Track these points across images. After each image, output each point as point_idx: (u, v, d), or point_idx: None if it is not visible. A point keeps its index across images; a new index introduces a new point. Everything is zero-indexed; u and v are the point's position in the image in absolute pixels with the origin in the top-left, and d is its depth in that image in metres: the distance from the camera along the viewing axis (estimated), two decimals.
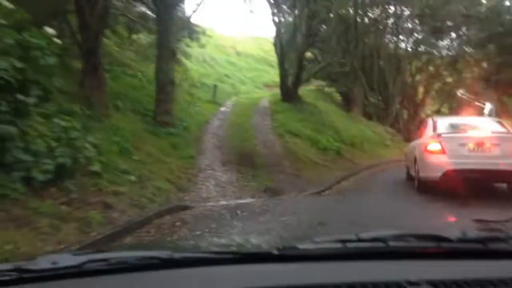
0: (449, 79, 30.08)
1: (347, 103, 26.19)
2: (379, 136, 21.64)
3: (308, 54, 22.12)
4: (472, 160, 7.91)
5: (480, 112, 31.52)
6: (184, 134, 11.37)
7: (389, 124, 25.75)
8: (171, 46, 11.86)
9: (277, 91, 21.74)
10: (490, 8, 20.27)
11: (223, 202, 7.00)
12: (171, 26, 11.91)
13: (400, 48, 27.90)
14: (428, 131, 8.96)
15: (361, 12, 22.03)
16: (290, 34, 20.06)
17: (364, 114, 25.27)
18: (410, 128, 27.97)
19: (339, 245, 1.32)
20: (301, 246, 1.34)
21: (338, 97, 28.79)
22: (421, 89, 30.61)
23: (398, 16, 26.17)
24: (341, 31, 21.69)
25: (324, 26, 20.14)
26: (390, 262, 1.27)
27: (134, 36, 18.85)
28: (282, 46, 19.40)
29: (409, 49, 28.16)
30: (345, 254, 1.30)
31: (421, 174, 8.54)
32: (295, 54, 19.53)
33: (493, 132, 8.26)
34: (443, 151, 8.12)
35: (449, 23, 26.09)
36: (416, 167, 8.91)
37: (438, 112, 31.99)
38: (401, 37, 27.77)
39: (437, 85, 30.36)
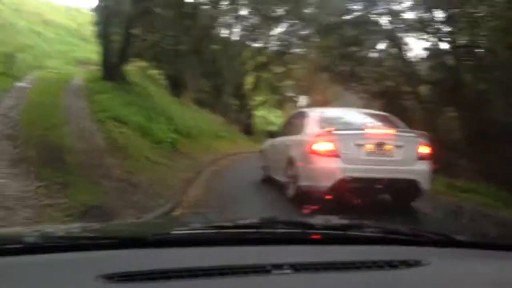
0: (278, 71, 29.69)
1: (175, 88, 23.54)
2: (212, 126, 19.60)
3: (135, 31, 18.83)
4: (371, 166, 6.11)
5: (297, 105, 32.32)
6: None
7: (220, 114, 23.97)
8: None
9: (94, 69, 18.05)
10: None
11: None
12: None
13: (233, 34, 26.40)
14: (310, 126, 6.92)
15: None
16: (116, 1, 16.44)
17: (195, 101, 22.99)
18: (241, 119, 26.80)
19: (213, 231, 1.39)
20: (176, 231, 1.41)
21: (164, 81, 25.93)
22: (250, 80, 29.68)
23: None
24: (174, 4, 19.01)
25: None
26: (259, 247, 1.32)
27: None
28: (107, 12, 15.72)
29: (241, 36, 26.81)
30: (218, 240, 1.34)
31: (303, 182, 6.47)
32: (122, 24, 16.09)
33: (394, 130, 6.59)
34: (336, 154, 6.15)
35: (279, 11, 25.47)
36: (292, 172, 6.83)
37: (265, 104, 31.65)
38: (233, 23, 26.28)
39: (265, 76, 29.71)
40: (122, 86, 14.63)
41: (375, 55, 17.50)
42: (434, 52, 14.32)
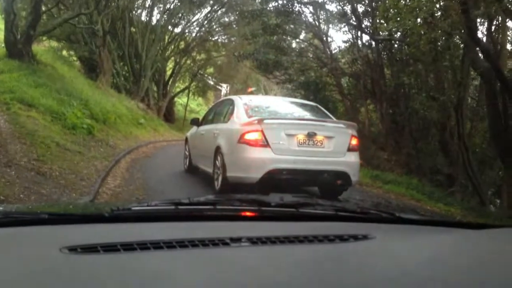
0: (199, 57, 29.01)
1: (91, 71, 22.15)
2: (131, 112, 18.63)
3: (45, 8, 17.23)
4: (302, 157, 5.94)
5: (220, 94, 31.91)
6: None
7: (140, 100, 22.93)
8: None
9: None
10: None
11: None
12: None
13: (153, 17, 25.32)
14: (238, 114, 6.61)
15: None
16: None
17: (112, 86, 21.74)
18: (161, 106, 25.91)
19: (172, 207, 1.42)
20: (134, 207, 1.43)
21: (77, 62, 24.27)
22: (171, 66, 28.73)
23: None
24: None
25: None
26: (216, 222, 1.42)
27: None
28: None
29: (161, 20, 25.75)
30: (176, 216, 1.42)
31: (231, 173, 6.17)
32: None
33: (325, 121, 6.47)
34: (266, 143, 5.91)
35: None
36: (220, 162, 6.49)
37: (185, 91, 30.81)
38: (153, 5, 25.16)
39: (187, 63, 28.89)
40: (29, 65, 13.31)
41: (298, 45, 17.55)
42: (355, 45, 14.60)
